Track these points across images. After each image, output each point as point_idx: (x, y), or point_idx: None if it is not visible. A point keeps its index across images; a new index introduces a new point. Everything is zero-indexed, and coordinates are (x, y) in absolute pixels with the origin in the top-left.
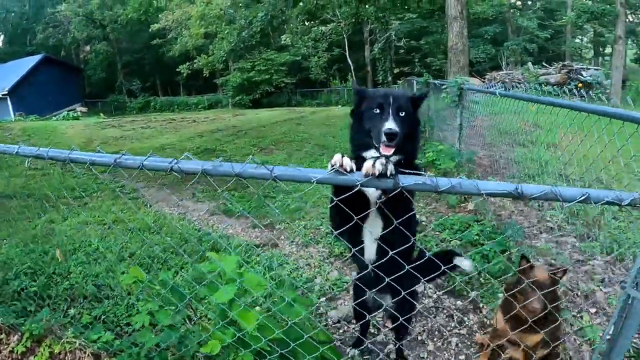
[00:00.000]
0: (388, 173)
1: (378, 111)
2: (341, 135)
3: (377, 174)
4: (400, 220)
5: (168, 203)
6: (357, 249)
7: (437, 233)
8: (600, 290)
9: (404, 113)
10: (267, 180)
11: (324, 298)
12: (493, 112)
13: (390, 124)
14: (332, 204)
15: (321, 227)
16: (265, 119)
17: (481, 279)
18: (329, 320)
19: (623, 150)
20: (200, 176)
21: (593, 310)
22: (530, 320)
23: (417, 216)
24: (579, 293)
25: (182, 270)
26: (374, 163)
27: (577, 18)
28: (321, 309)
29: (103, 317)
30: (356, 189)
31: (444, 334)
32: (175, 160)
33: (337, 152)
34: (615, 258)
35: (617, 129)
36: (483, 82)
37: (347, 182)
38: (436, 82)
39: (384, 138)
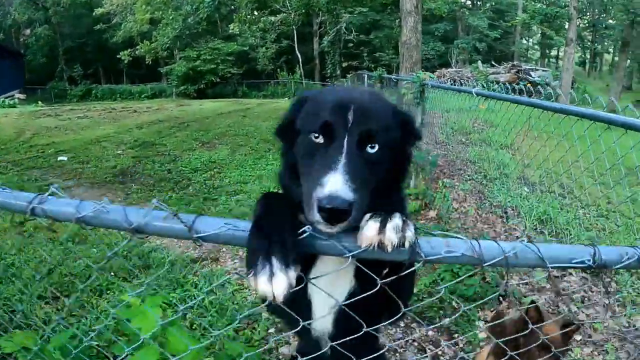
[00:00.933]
0: (406, 244)
1: (321, 140)
2: None
3: (389, 248)
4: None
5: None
6: (299, 314)
7: None
8: (582, 312)
9: (375, 148)
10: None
11: (273, 328)
12: (444, 110)
13: (333, 184)
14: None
15: None
16: (209, 110)
17: (454, 302)
18: (280, 357)
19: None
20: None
21: (578, 337)
22: None
23: None
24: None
25: (109, 292)
26: (383, 227)
27: (530, 19)
28: (270, 343)
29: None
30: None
31: None
32: (40, 198)
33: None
34: (591, 274)
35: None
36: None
37: (330, 251)
38: (392, 76)
39: (316, 215)
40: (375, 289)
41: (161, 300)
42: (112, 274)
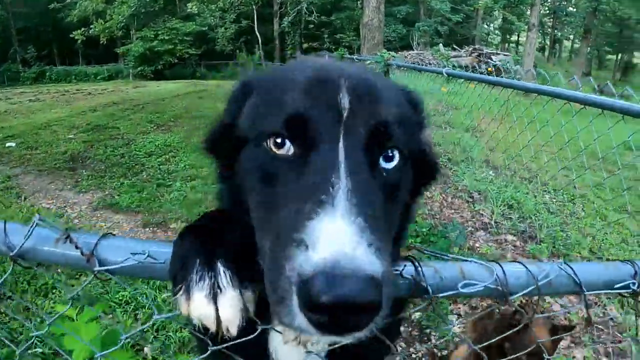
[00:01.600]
0: None
1: (289, 150)
2: None
3: None
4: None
5: (46, 194)
6: None
7: None
8: (556, 302)
9: (395, 158)
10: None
11: None
12: None
13: (336, 241)
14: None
15: None
16: (166, 91)
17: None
18: None
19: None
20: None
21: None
22: None
23: None
24: (535, 307)
25: (54, 291)
26: None
27: (493, 3)
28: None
29: None
30: None
31: None
32: None
33: None
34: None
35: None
36: None
37: None
38: (354, 57)
39: (300, 320)
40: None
41: (101, 310)
42: (59, 270)
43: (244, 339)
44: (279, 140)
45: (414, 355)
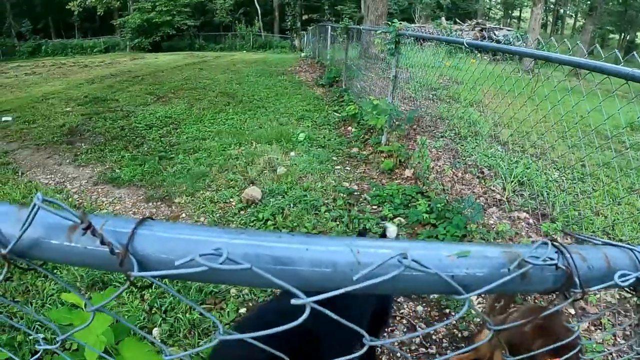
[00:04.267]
0: None
1: None
2: (247, 81)
3: None
4: None
5: (44, 169)
6: None
7: (375, 207)
8: None
9: None
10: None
11: (244, 308)
12: (410, 65)
13: None
14: None
15: (231, 200)
16: (164, 63)
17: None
18: None
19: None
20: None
21: (571, 310)
22: None
23: (347, 184)
24: None
25: (56, 270)
26: None
27: None
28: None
29: None
30: None
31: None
32: None
33: (244, 100)
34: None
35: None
36: None
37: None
38: (361, 27)
39: None
40: None
41: (109, 295)
42: None
43: None
44: None
45: (434, 337)
